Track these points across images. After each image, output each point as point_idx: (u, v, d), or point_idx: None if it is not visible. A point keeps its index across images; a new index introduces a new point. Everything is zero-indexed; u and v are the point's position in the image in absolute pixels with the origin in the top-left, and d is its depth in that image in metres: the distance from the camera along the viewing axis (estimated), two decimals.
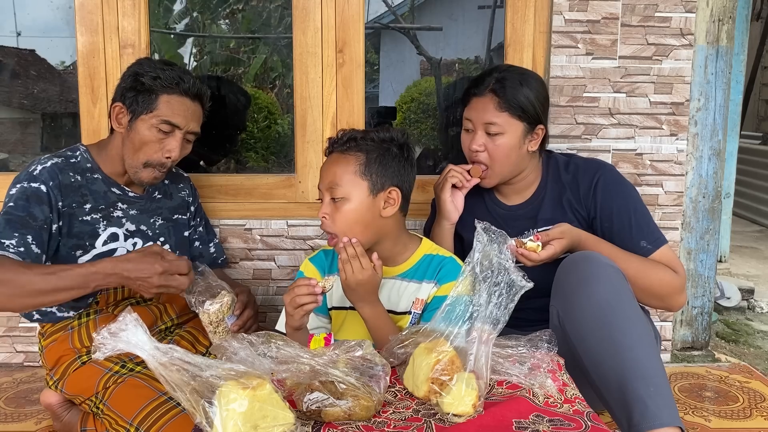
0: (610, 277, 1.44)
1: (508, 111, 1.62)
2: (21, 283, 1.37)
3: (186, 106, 1.63)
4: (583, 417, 1.09)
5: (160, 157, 1.62)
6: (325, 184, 1.47)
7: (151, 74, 1.60)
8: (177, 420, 1.32)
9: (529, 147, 1.67)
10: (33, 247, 1.48)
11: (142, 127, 1.60)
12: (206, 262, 1.92)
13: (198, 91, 1.65)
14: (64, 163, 1.62)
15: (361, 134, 1.49)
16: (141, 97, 1.60)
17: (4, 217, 1.48)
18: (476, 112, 1.65)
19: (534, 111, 1.63)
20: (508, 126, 1.62)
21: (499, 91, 1.62)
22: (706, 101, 2.24)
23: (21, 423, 1.83)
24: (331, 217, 1.45)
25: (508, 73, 1.66)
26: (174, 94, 1.61)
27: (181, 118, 1.62)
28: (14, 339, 2.22)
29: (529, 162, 1.70)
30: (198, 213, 1.93)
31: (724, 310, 3.01)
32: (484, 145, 1.64)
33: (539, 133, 1.67)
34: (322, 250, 1.63)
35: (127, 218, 1.70)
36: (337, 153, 1.49)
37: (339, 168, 1.45)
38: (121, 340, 0.95)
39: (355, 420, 1.07)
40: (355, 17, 2.14)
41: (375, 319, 1.43)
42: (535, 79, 1.68)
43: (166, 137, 1.62)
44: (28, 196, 1.52)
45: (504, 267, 1.19)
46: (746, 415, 1.87)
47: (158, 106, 1.60)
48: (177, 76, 1.61)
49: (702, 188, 2.29)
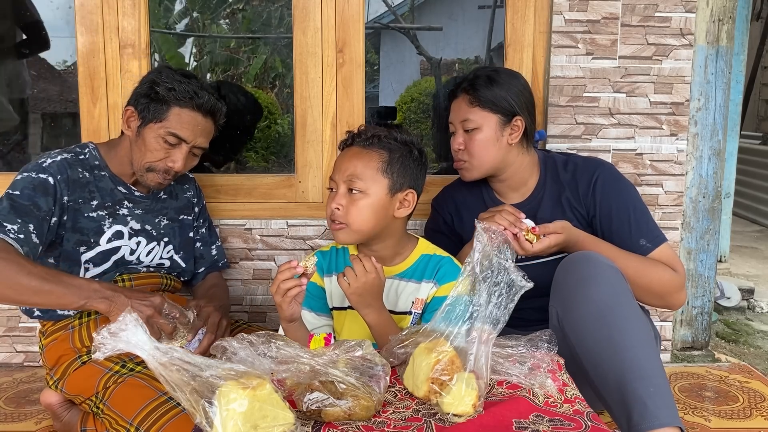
0: (609, 277, 1.44)
1: (479, 105, 1.66)
2: (17, 278, 1.38)
3: (196, 122, 1.63)
4: (583, 417, 1.09)
5: (164, 164, 1.63)
6: (344, 175, 1.44)
7: (167, 85, 1.60)
8: (177, 420, 1.31)
9: (509, 139, 1.68)
10: (33, 236, 1.48)
11: (149, 135, 1.61)
12: (206, 264, 1.93)
13: (212, 107, 1.65)
14: (73, 158, 1.64)
15: (384, 132, 1.48)
16: (153, 106, 1.61)
17: (9, 203, 1.49)
18: (454, 113, 1.72)
19: (507, 103, 1.66)
20: (482, 120, 1.66)
21: (469, 90, 1.68)
22: (706, 101, 2.24)
23: (21, 423, 1.83)
24: (345, 208, 1.43)
25: (479, 72, 1.72)
26: (186, 107, 1.61)
27: (189, 132, 1.62)
28: (14, 339, 2.22)
29: (515, 156, 1.71)
30: (202, 214, 1.93)
31: (724, 310, 3.01)
32: (464, 143, 1.69)
33: (518, 124, 1.68)
34: (318, 251, 1.60)
35: (133, 217, 1.71)
36: (358, 147, 1.47)
37: (361, 162, 1.44)
38: (121, 340, 0.95)
39: (355, 420, 1.07)
40: (355, 17, 2.14)
41: (381, 326, 1.40)
42: (507, 73, 1.72)
43: (172, 149, 1.62)
44: (34, 186, 1.54)
45: (504, 267, 1.19)
46: (746, 415, 1.87)
47: (168, 118, 1.60)
48: (192, 91, 1.61)
49: (702, 188, 2.29)
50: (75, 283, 1.45)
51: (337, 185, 1.45)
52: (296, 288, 1.32)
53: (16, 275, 1.37)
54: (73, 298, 1.43)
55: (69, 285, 1.43)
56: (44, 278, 1.40)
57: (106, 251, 1.65)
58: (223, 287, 1.92)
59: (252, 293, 2.22)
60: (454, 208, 1.84)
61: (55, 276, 1.43)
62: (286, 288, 1.32)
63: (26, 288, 1.38)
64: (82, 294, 1.43)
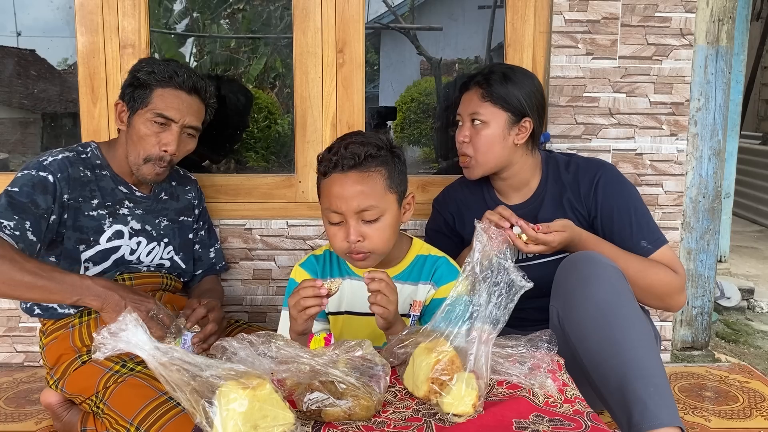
0: (610, 277, 1.44)
1: (490, 101, 1.66)
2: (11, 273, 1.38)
3: (181, 99, 1.64)
4: (583, 417, 1.09)
5: (158, 151, 1.63)
6: (352, 208, 1.35)
7: (147, 69, 1.63)
8: (177, 420, 1.32)
9: (516, 140, 1.68)
10: (29, 234, 1.49)
11: (138, 121, 1.63)
12: (204, 266, 1.93)
13: (194, 84, 1.65)
14: (75, 157, 1.64)
15: (372, 148, 1.38)
16: (137, 93, 1.63)
17: (7, 200, 1.50)
18: (463, 106, 1.72)
19: (518, 102, 1.65)
20: (491, 116, 1.66)
21: (483, 84, 1.67)
22: (706, 101, 2.24)
23: (21, 423, 1.83)
24: (367, 237, 1.37)
25: (494, 68, 1.71)
26: (168, 87, 1.63)
27: (174, 111, 1.63)
28: (14, 339, 2.22)
29: (519, 157, 1.71)
30: (201, 216, 1.93)
31: (724, 310, 3.01)
32: (470, 136, 1.68)
33: (526, 126, 1.68)
34: (312, 255, 1.58)
35: (133, 217, 1.71)
36: (356, 173, 1.36)
37: (366, 188, 1.36)
38: (121, 340, 0.95)
39: (355, 420, 1.07)
40: (355, 17, 2.14)
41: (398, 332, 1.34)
42: (522, 73, 1.72)
43: (162, 131, 1.63)
44: (34, 184, 1.54)
45: (504, 267, 1.18)
46: (746, 415, 1.87)
47: (152, 100, 1.62)
48: (171, 70, 1.63)
49: (702, 188, 2.29)
50: (67, 279, 1.45)
51: (346, 217, 1.37)
52: (316, 308, 1.29)
53: (9, 270, 1.38)
54: (65, 294, 1.43)
55: (61, 281, 1.43)
56: (37, 274, 1.40)
57: (106, 250, 1.66)
58: (218, 292, 1.92)
59: (252, 293, 2.22)
60: (456, 209, 1.84)
61: (49, 272, 1.43)
62: (306, 306, 1.28)
63: (19, 283, 1.39)
64: (75, 291, 1.43)
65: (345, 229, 1.38)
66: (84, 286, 1.45)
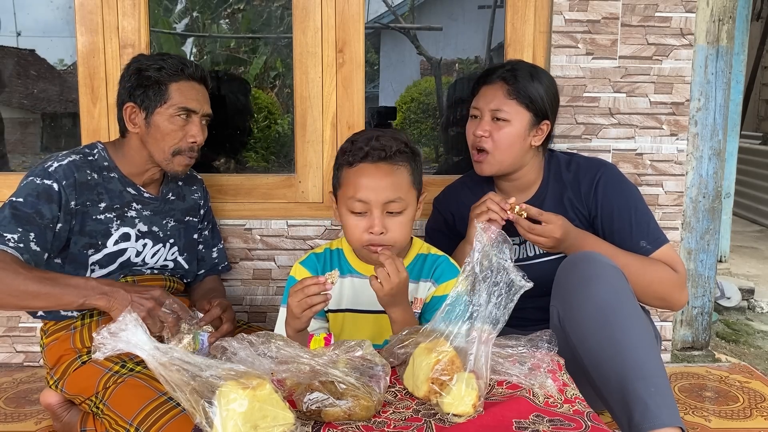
0: (610, 277, 1.44)
1: (516, 99, 1.63)
2: (15, 284, 1.38)
3: (196, 90, 1.66)
4: (583, 417, 1.09)
5: (187, 143, 1.65)
6: (381, 198, 1.37)
7: (155, 66, 1.62)
8: (177, 420, 1.31)
9: (533, 141, 1.67)
10: (32, 245, 1.48)
11: (161, 119, 1.62)
12: (207, 266, 1.93)
13: (201, 73, 1.68)
14: (81, 160, 1.62)
15: (401, 144, 1.41)
16: (151, 91, 1.62)
17: (11, 211, 1.49)
18: (485, 99, 1.66)
19: (542, 103, 1.64)
20: (516, 114, 1.63)
21: (509, 80, 1.64)
22: (706, 101, 2.24)
23: (21, 423, 1.83)
24: (390, 230, 1.38)
25: (519, 65, 1.69)
26: (182, 80, 1.64)
27: (195, 102, 1.65)
28: (14, 339, 2.22)
29: (531, 158, 1.70)
30: (206, 216, 1.93)
31: (724, 310, 3.01)
32: (490, 131, 1.65)
33: (544, 128, 1.67)
34: (312, 253, 1.58)
35: (141, 219, 1.70)
36: (386, 165, 1.38)
37: (396, 180, 1.38)
38: (121, 340, 0.95)
39: (355, 420, 1.07)
40: (355, 17, 2.14)
41: (406, 322, 1.37)
42: (545, 74, 1.71)
43: (186, 124, 1.64)
44: (38, 193, 1.52)
45: (504, 267, 1.18)
46: (746, 415, 1.87)
47: (171, 96, 1.62)
48: (180, 63, 1.64)
49: (702, 188, 2.29)
50: (72, 282, 1.45)
51: (371, 207, 1.38)
52: (322, 303, 1.30)
53: (14, 282, 1.38)
54: (72, 298, 1.43)
55: (66, 285, 1.43)
56: (42, 282, 1.41)
57: (113, 253, 1.65)
58: (220, 291, 1.92)
59: (252, 293, 2.22)
60: (456, 208, 1.84)
61: (53, 278, 1.43)
62: (312, 303, 1.28)
63: (25, 293, 1.39)
64: (80, 292, 1.43)
65: (368, 220, 1.38)
66: (89, 286, 1.45)
